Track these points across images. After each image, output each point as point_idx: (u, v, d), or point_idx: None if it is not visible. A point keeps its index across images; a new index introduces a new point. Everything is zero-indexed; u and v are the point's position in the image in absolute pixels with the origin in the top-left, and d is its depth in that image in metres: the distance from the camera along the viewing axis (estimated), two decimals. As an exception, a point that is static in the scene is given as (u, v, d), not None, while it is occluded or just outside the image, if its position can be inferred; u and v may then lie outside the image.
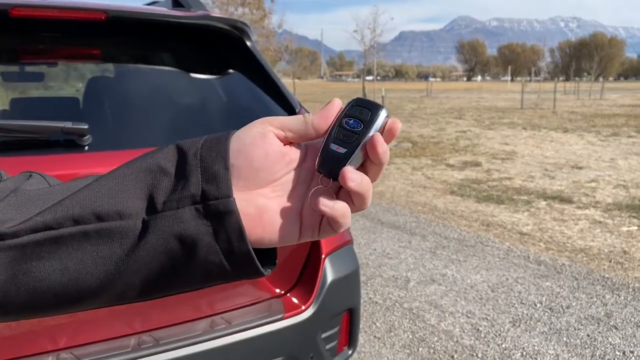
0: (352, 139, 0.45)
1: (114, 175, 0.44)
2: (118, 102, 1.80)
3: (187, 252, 0.43)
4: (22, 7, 1.50)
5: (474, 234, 4.78)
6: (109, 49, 1.92)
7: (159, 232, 0.42)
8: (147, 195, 0.43)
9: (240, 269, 0.44)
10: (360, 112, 0.46)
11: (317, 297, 1.72)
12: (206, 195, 0.42)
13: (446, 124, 15.50)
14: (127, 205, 0.43)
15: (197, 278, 0.45)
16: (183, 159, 0.44)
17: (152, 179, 0.44)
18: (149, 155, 0.45)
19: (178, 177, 0.44)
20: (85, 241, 0.42)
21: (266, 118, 0.46)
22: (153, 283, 0.44)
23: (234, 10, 30.38)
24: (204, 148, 0.44)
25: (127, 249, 0.42)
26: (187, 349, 1.50)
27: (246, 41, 1.85)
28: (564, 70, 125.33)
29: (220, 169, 0.43)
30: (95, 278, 0.43)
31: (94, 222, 0.42)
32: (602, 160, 8.64)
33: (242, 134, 0.45)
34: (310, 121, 0.46)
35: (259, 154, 0.44)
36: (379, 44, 47.13)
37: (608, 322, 3.04)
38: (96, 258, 0.42)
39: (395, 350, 2.79)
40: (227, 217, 0.42)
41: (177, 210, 0.42)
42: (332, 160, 0.44)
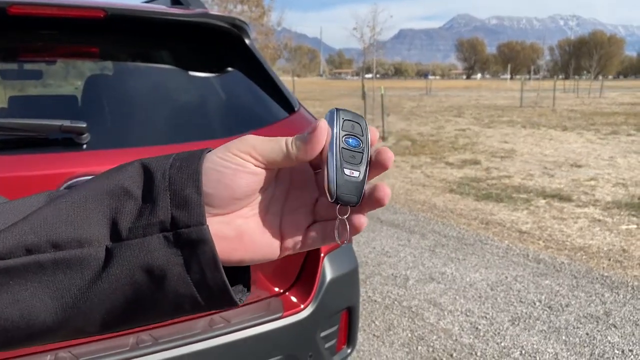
0: (359, 160, 0.43)
1: (72, 198, 0.40)
2: (116, 100, 1.79)
3: (155, 284, 0.39)
4: (20, 5, 1.49)
5: (473, 232, 4.78)
6: (108, 47, 1.91)
7: (123, 262, 0.38)
8: (110, 221, 0.39)
9: (214, 300, 0.41)
10: (353, 127, 0.44)
11: (316, 296, 1.72)
12: (176, 222, 0.39)
13: (445, 122, 15.50)
14: (87, 231, 0.39)
15: (165, 311, 0.41)
16: (150, 180, 0.40)
17: (115, 203, 0.40)
18: (111, 175, 0.41)
19: (145, 200, 0.40)
20: (40, 272, 0.38)
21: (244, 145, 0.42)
22: (116, 317, 0.40)
23: (232, 8, 30.34)
24: (173, 168, 0.40)
25: (88, 280, 0.38)
26: (185, 348, 1.50)
27: (245, 39, 1.84)
28: (564, 68, 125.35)
29: (191, 193, 0.39)
30: (51, 313, 0.38)
31: (49, 251, 0.38)
32: (601, 158, 8.64)
33: (219, 160, 0.41)
34: (294, 156, 0.42)
35: (241, 185, 0.41)
36: (378, 42, 47.12)
37: (607, 321, 3.05)
38: (53, 291, 0.38)
39: (394, 348, 2.79)
40: (200, 246, 0.39)
41: (144, 238, 0.39)
42: (350, 188, 0.42)
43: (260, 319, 1.62)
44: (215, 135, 1.73)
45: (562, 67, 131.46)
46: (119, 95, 1.81)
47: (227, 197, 0.41)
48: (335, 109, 0.45)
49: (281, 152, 0.42)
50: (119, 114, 1.74)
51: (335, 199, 0.42)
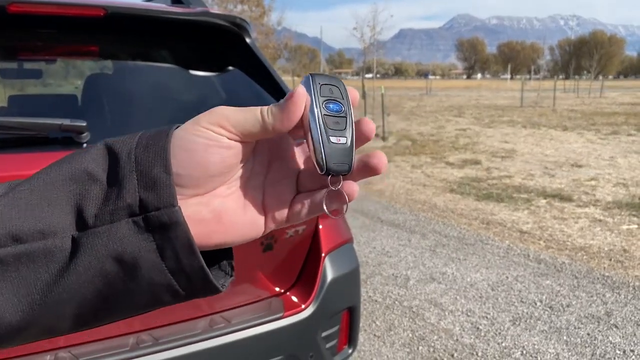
0: (344, 125, 0.40)
1: (31, 186, 0.37)
2: (117, 99, 1.79)
3: (127, 274, 0.36)
4: (20, 3, 1.48)
5: (474, 232, 4.78)
6: (108, 45, 1.91)
7: (91, 251, 0.35)
8: (75, 208, 0.36)
9: (193, 288, 0.38)
10: (331, 91, 0.41)
11: (317, 296, 1.71)
12: (145, 205, 0.36)
13: (446, 122, 15.50)
14: (50, 221, 0.36)
15: (142, 302, 0.38)
16: (115, 162, 0.37)
17: (79, 188, 0.36)
18: (73, 159, 0.38)
19: (110, 184, 0.37)
20: (2, 269, 0.35)
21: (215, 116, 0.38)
22: (89, 311, 0.37)
23: (233, 8, 30.34)
24: (139, 147, 0.37)
25: (54, 273, 0.35)
26: (186, 348, 1.49)
27: (246, 38, 1.84)
28: (564, 68, 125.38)
29: (159, 173, 0.36)
30: (18, 311, 0.35)
31: (10, 245, 0.35)
32: (601, 158, 8.64)
33: (188, 136, 0.38)
34: (270, 125, 0.39)
35: (215, 161, 0.38)
36: (379, 42, 47.11)
37: (608, 321, 3.04)
38: (17, 287, 0.35)
39: (395, 348, 2.79)
40: (172, 230, 0.36)
41: (111, 224, 0.36)
42: (340, 157, 0.39)
43: (261, 319, 1.61)
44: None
45: (563, 67, 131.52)
46: (119, 94, 1.80)
47: (200, 176, 0.38)
48: (310, 74, 0.42)
49: (257, 122, 0.39)
50: (119, 113, 1.73)
51: (325, 171, 0.39)
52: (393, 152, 9.60)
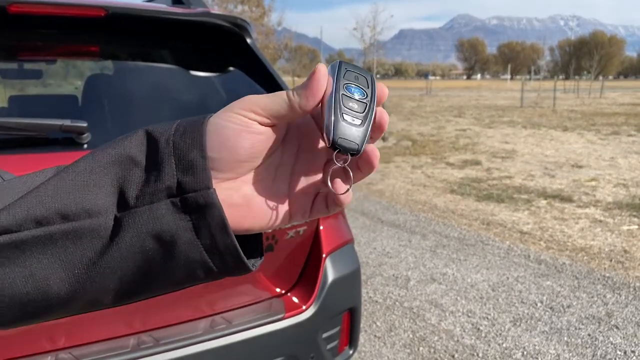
0: (363, 109, 0.40)
1: (78, 168, 0.39)
2: (117, 99, 1.78)
3: (165, 251, 0.39)
4: (20, 4, 1.48)
5: (474, 232, 4.77)
6: (108, 46, 1.90)
7: (133, 230, 0.38)
8: (118, 190, 0.39)
9: (226, 266, 0.41)
10: (357, 78, 0.42)
11: (318, 297, 1.71)
12: (183, 187, 0.38)
13: (446, 122, 15.49)
14: (95, 201, 0.38)
15: (178, 278, 0.41)
16: (154, 147, 0.39)
17: (121, 171, 0.39)
18: (115, 144, 0.40)
19: (150, 167, 0.39)
20: (51, 244, 0.38)
21: (247, 102, 0.40)
22: (130, 286, 0.40)
23: (233, 8, 30.35)
24: (176, 134, 0.40)
25: (99, 250, 0.38)
26: (187, 349, 1.49)
27: (246, 38, 1.83)
28: (564, 68, 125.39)
29: (196, 157, 0.38)
30: (65, 284, 0.38)
31: (59, 223, 0.38)
32: (602, 159, 8.63)
33: (221, 122, 0.40)
34: (297, 103, 0.40)
35: (245, 146, 0.40)
36: (379, 42, 47.12)
37: (609, 322, 3.03)
38: (65, 262, 0.38)
39: (395, 349, 2.78)
40: (208, 210, 0.38)
41: (151, 205, 0.38)
42: (351, 135, 0.39)
43: (262, 320, 1.61)
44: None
45: (563, 68, 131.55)
46: (120, 95, 1.80)
47: (231, 160, 0.40)
48: (339, 61, 0.43)
49: (284, 102, 0.40)
50: (119, 114, 1.73)
51: (332, 144, 0.39)
52: (393, 152, 9.60)
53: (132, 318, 1.53)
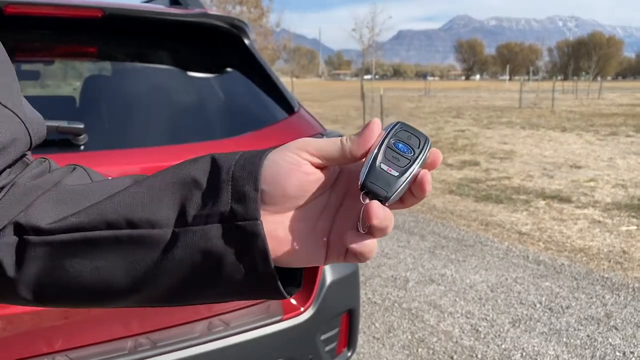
0: (404, 164, 0.42)
1: (150, 184, 0.45)
2: (115, 101, 1.78)
3: (211, 268, 0.43)
4: (16, 5, 1.47)
5: (473, 233, 4.77)
6: (106, 47, 1.90)
7: (186, 245, 0.43)
8: (179, 207, 0.44)
9: (264, 290, 0.45)
10: (408, 138, 0.44)
11: (316, 299, 1.71)
12: (234, 214, 0.42)
13: (444, 123, 15.50)
14: (159, 215, 0.43)
15: (220, 292, 0.46)
16: (217, 174, 0.44)
17: (186, 192, 0.44)
18: (185, 165, 0.46)
19: (209, 192, 0.44)
20: (117, 245, 0.44)
21: (303, 143, 0.44)
22: (178, 292, 0.45)
23: (231, 9, 30.34)
24: (237, 165, 0.44)
25: (155, 257, 0.43)
26: (184, 352, 1.48)
27: (244, 39, 1.83)
28: (562, 69, 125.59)
29: (250, 190, 0.42)
30: (124, 281, 0.44)
31: (126, 228, 0.43)
32: (600, 159, 8.64)
33: (277, 159, 0.44)
34: (348, 148, 0.43)
35: (293, 183, 0.43)
36: (377, 43, 47.17)
37: (608, 323, 3.03)
38: (126, 262, 0.44)
39: (394, 351, 2.78)
40: (253, 239, 0.42)
41: (205, 226, 0.43)
42: (383, 182, 0.41)
43: (260, 322, 1.60)
44: (215, 136, 1.71)
45: (561, 68, 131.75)
46: (117, 96, 1.79)
47: (280, 195, 0.43)
48: (398, 121, 0.45)
49: (336, 146, 0.43)
50: (117, 115, 1.72)
51: (361, 186, 0.41)
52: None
53: (130, 320, 1.53)
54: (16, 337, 1.41)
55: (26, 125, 0.49)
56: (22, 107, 0.49)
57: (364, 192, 0.42)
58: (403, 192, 0.42)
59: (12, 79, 0.50)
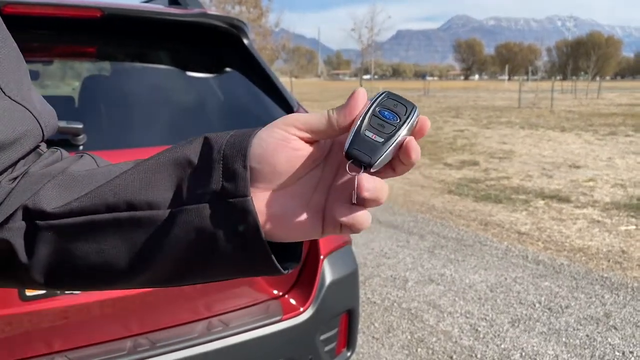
0: (389, 130, 0.42)
1: (146, 166, 0.46)
2: (114, 101, 1.78)
3: (206, 245, 0.44)
4: (15, 5, 1.47)
5: (472, 233, 4.77)
6: (105, 47, 1.90)
7: (182, 224, 0.44)
8: (175, 188, 0.45)
9: (259, 265, 0.46)
10: (395, 105, 0.44)
11: (316, 299, 1.70)
12: (225, 192, 0.43)
13: (444, 123, 15.51)
14: (156, 196, 0.45)
15: (218, 270, 0.47)
16: (209, 154, 0.45)
17: (181, 172, 0.45)
18: (180, 147, 0.47)
19: (202, 171, 0.45)
20: (118, 227, 0.45)
21: (289, 119, 0.45)
22: (178, 270, 0.47)
23: (230, 9, 30.33)
24: (227, 144, 0.45)
25: (154, 237, 0.45)
26: (184, 352, 1.48)
27: (243, 39, 1.83)
28: (561, 69, 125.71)
29: (239, 168, 0.43)
30: (127, 262, 0.46)
31: (125, 210, 0.45)
32: (599, 159, 8.64)
33: (265, 136, 0.44)
34: (334, 119, 0.44)
35: (282, 159, 0.44)
36: (377, 43, 47.16)
37: (607, 322, 3.03)
38: (128, 243, 0.45)
39: (394, 351, 2.78)
40: (244, 215, 0.43)
41: (199, 204, 0.44)
42: (367, 148, 0.41)
43: (259, 322, 1.60)
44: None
45: (560, 68, 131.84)
46: (116, 96, 1.79)
47: (270, 172, 0.44)
48: (386, 90, 0.45)
49: (323, 118, 0.44)
50: (116, 115, 1.72)
51: (345, 153, 0.41)
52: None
53: (129, 320, 1.53)
54: (16, 337, 1.40)
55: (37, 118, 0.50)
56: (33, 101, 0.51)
57: (349, 159, 0.42)
58: (388, 159, 0.42)
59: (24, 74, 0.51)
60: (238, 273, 0.48)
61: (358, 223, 0.44)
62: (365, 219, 0.44)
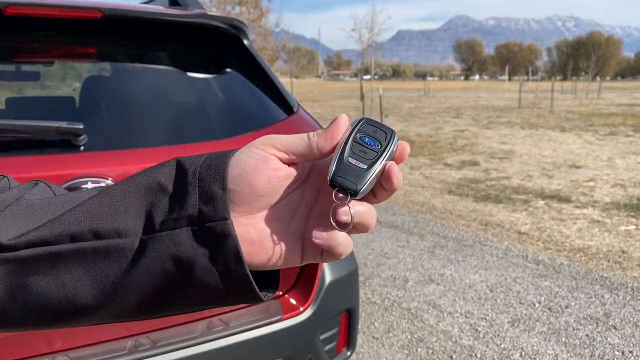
0: (372, 157, 0.42)
1: (114, 192, 0.43)
2: (114, 101, 1.78)
3: (183, 274, 0.42)
4: (16, 6, 1.48)
5: (472, 233, 4.78)
6: (105, 47, 1.90)
7: (155, 252, 0.41)
8: (146, 214, 0.42)
9: (238, 293, 0.43)
10: (374, 132, 0.44)
11: (316, 298, 1.71)
12: (203, 216, 0.41)
13: (444, 123, 15.51)
14: (125, 223, 0.42)
15: (194, 300, 0.44)
16: (183, 177, 0.43)
17: (152, 197, 0.43)
18: (150, 171, 0.44)
19: (176, 196, 0.42)
20: (82, 259, 0.42)
21: (269, 139, 0.43)
22: (149, 303, 0.43)
23: (231, 9, 30.32)
24: (203, 166, 0.43)
25: (123, 268, 0.41)
26: (184, 351, 1.48)
27: (243, 40, 1.83)
28: (561, 69, 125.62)
29: (217, 190, 0.41)
30: (92, 296, 0.42)
31: (91, 240, 0.41)
32: (599, 159, 8.65)
33: (243, 156, 0.43)
34: (315, 143, 0.43)
35: (262, 180, 0.42)
36: (377, 43, 47.15)
37: (607, 322, 3.04)
38: (93, 276, 0.42)
39: (393, 350, 2.78)
40: (224, 240, 0.41)
41: (173, 230, 0.41)
42: (351, 175, 0.41)
43: (259, 322, 1.61)
44: (214, 137, 1.71)
45: (560, 68, 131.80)
46: (117, 97, 1.80)
47: (249, 193, 0.42)
48: (364, 117, 0.46)
49: (303, 141, 0.43)
50: (116, 116, 1.73)
51: (330, 181, 0.41)
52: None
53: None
54: (16, 337, 1.41)
55: None
56: None
57: (334, 188, 0.41)
58: (373, 185, 0.42)
59: None
60: (216, 303, 0.44)
61: (337, 245, 0.42)
62: (343, 242, 0.42)
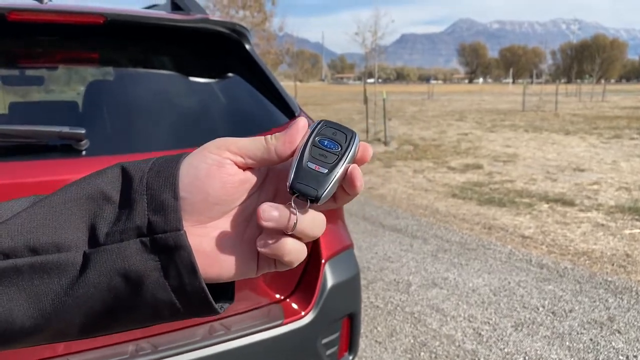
0: (332, 160, 0.40)
1: (51, 202, 0.39)
2: (117, 106, 1.79)
3: (132, 290, 0.38)
4: (19, 11, 1.49)
5: (476, 237, 4.76)
6: (108, 52, 1.91)
7: (100, 267, 0.37)
8: (89, 226, 0.39)
9: (193, 307, 0.40)
10: (334, 134, 0.42)
11: (317, 303, 1.71)
12: (153, 227, 0.38)
13: (448, 126, 15.49)
14: (65, 236, 0.38)
15: (145, 316, 0.40)
16: (128, 185, 0.39)
17: (94, 207, 0.39)
18: (91, 179, 0.40)
19: (122, 205, 0.39)
20: (17, 277, 0.37)
21: (223, 141, 0.41)
22: (95, 321, 0.40)
23: (234, 13, 30.41)
24: (151, 173, 0.40)
25: (65, 285, 0.38)
26: (185, 356, 1.48)
27: (245, 44, 1.84)
28: (566, 72, 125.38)
29: (168, 198, 0.38)
30: (29, 317, 0.38)
31: (27, 256, 0.37)
32: (604, 162, 8.61)
33: (195, 162, 0.40)
34: (273, 146, 0.40)
35: (215, 186, 0.39)
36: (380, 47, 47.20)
37: (611, 326, 3.02)
38: (30, 295, 0.38)
39: (396, 355, 2.77)
40: (177, 252, 0.38)
41: (120, 243, 0.38)
42: (312, 181, 0.39)
43: (261, 326, 1.61)
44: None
45: (564, 71, 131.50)
46: (120, 101, 1.80)
47: (202, 201, 0.39)
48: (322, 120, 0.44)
49: (261, 145, 0.41)
50: (119, 120, 1.73)
51: (290, 187, 0.39)
52: (395, 156, 9.59)
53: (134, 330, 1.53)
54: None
55: None
56: None
57: (294, 194, 0.39)
58: (334, 190, 0.41)
59: None
60: (170, 318, 0.41)
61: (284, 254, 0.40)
62: (291, 249, 0.40)
